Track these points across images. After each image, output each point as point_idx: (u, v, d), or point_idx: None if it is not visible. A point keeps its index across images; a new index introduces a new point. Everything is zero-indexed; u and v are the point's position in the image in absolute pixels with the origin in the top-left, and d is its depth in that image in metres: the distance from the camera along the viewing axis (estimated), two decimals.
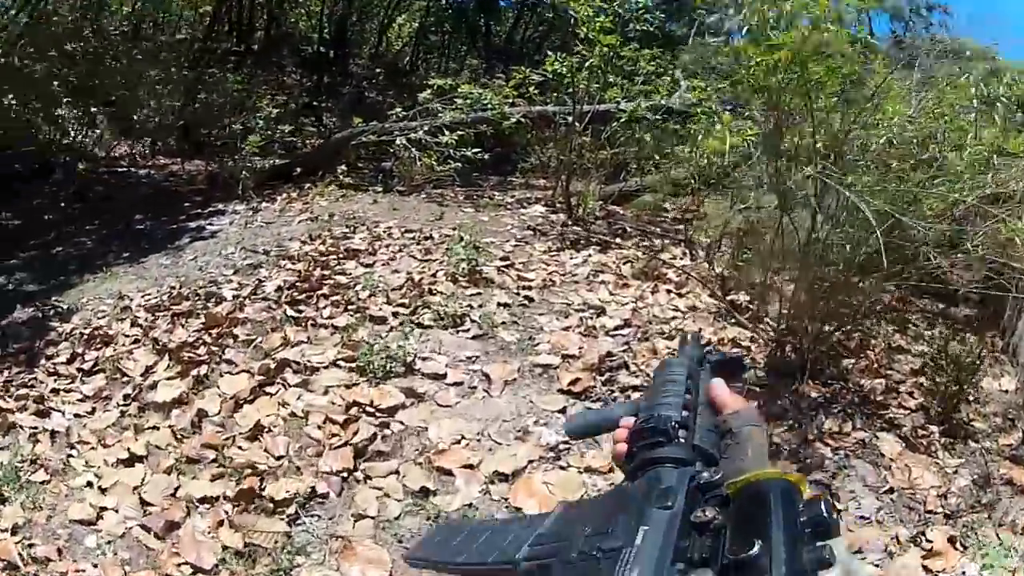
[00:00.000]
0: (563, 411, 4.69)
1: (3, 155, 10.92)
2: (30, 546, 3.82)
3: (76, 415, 5.01)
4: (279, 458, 4.33)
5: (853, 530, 3.87)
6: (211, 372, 5.25)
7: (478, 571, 0.99)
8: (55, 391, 5.36)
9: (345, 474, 4.22)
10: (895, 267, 4.51)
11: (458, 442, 4.46)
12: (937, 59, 6.86)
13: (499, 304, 6.13)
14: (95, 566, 3.72)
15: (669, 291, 6.70)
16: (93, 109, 11.71)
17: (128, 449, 4.50)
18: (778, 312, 5.27)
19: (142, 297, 7.03)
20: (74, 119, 11.61)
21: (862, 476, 4.26)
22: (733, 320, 6.01)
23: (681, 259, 7.57)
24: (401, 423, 4.64)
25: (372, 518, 3.93)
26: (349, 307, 6.08)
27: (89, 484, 4.26)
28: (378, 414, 4.68)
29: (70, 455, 4.57)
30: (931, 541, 3.79)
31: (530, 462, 4.27)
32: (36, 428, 4.85)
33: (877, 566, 3.66)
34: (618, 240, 8.44)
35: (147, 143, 13.58)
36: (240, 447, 4.46)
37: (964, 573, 3.62)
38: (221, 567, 3.66)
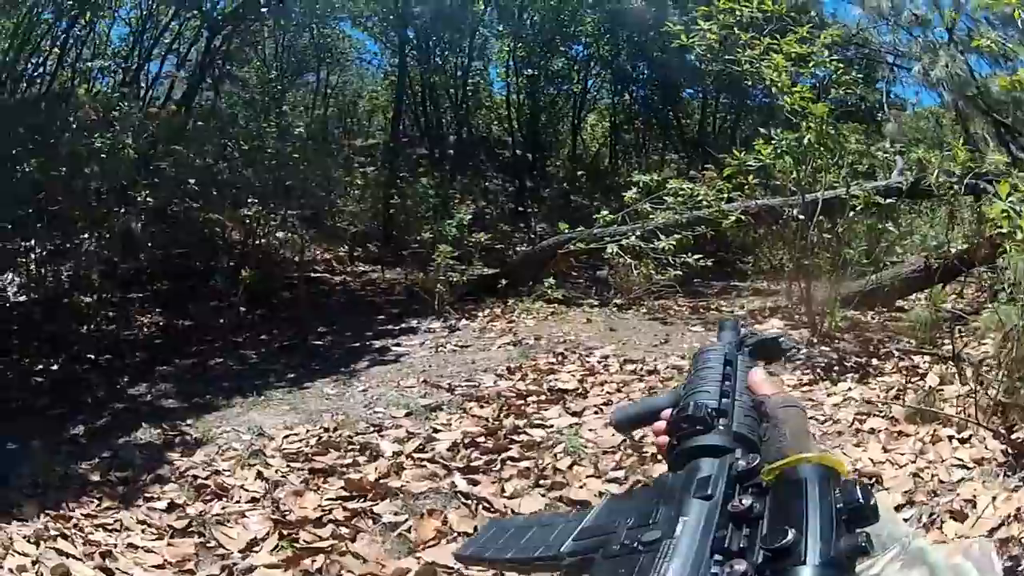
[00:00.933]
0: None
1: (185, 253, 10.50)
2: None
3: None
4: None
5: None
6: (328, 567, 3.78)
7: (525, 566, 0.96)
8: (132, 546, 4.03)
9: None
10: None
11: None
12: None
13: None
14: None
15: (951, 437, 5.26)
16: (286, 211, 11.29)
17: None
18: None
19: (285, 438, 5.57)
20: (261, 219, 10.88)
21: None
22: None
23: (950, 382, 6.10)
24: None
25: None
26: (542, 480, 4.68)
27: None
28: None
29: None
30: None
31: None
32: None
33: None
34: (874, 362, 7.09)
35: (346, 249, 13.08)
36: None
37: None
38: None
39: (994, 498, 4.09)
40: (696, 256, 9.09)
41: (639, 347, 7.52)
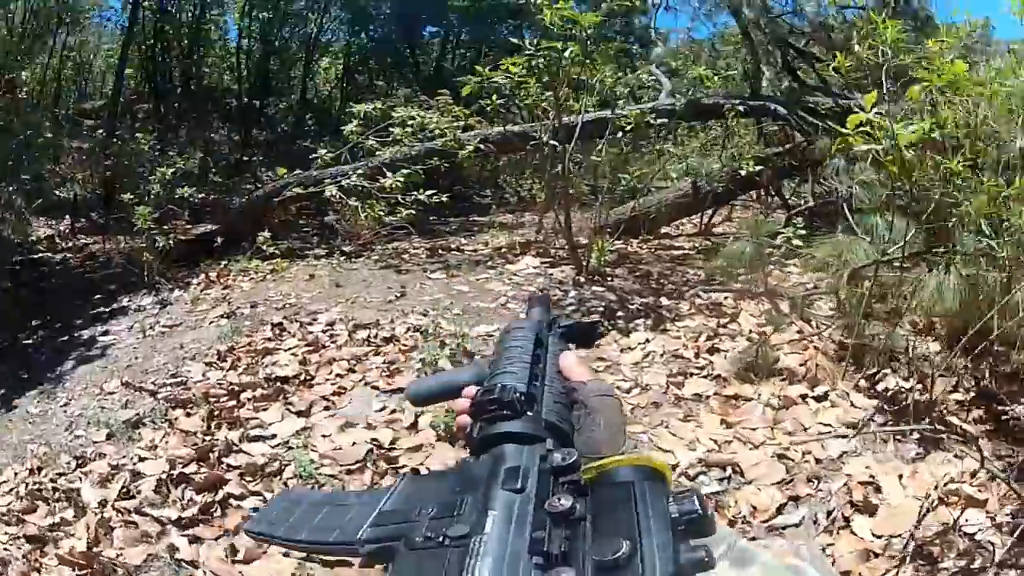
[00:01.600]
0: None
1: None
2: None
3: None
4: None
5: None
6: None
7: (319, 550, 0.84)
8: None
9: None
10: None
11: None
12: None
13: None
14: None
15: (805, 396, 4.24)
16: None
17: None
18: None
19: None
20: None
21: None
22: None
23: (778, 328, 4.90)
24: None
25: None
26: None
27: None
28: None
29: None
30: None
31: None
32: None
33: None
34: (664, 302, 5.86)
35: (68, 221, 10.98)
36: None
37: None
38: None
39: (900, 476, 3.46)
40: (429, 192, 7.57)
41: (371, 305, 6.17)
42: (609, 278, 6.56)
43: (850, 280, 4.26)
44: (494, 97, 6.35)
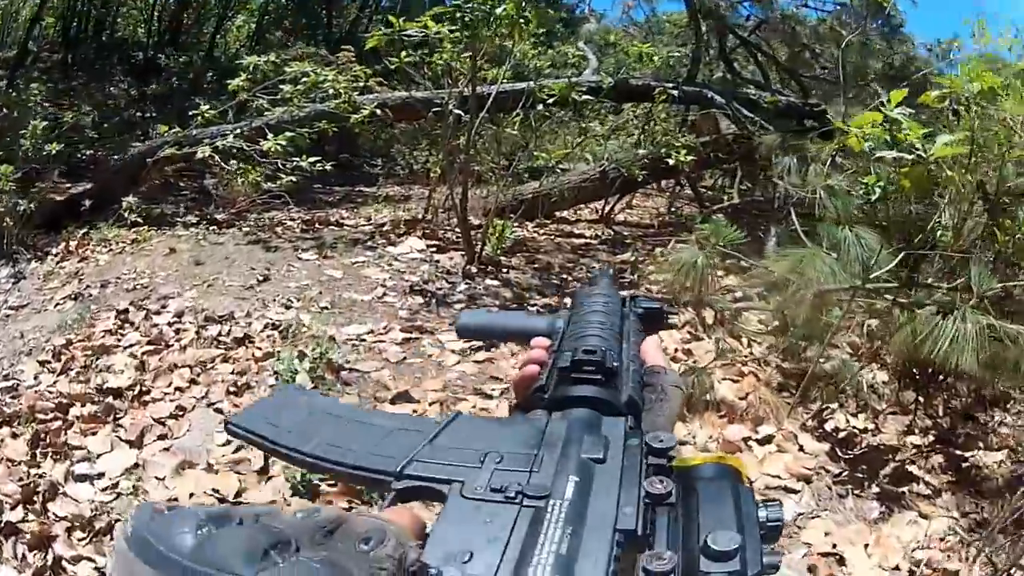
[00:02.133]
0: None
1: None
2: None
3: None
4: None
5: None
6: None
7: (332, 471, 0.72)
8: None
9: None
10: None
11: None
12: None
13: None
14: None
15: (748, 440, 3.65)
16: None
17: None
18: None
19: None
20: None
21: None
22: None
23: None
24: None
25: None
26: None
27: None
28: None
29: None
30: None
31: None
32: None
33: None
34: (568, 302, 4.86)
35: None
36: None
37: None
38: None
39: (866, 546, 2.99)
40: (313, 159, 6.58)
41: (229, 291, 5.23)
42: (505, 269, 5.72)
43: (818, 304, 3.48)
44: (403, 55, 5.33)
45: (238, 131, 6.62)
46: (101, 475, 3.31)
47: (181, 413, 3.73)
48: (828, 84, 8.31)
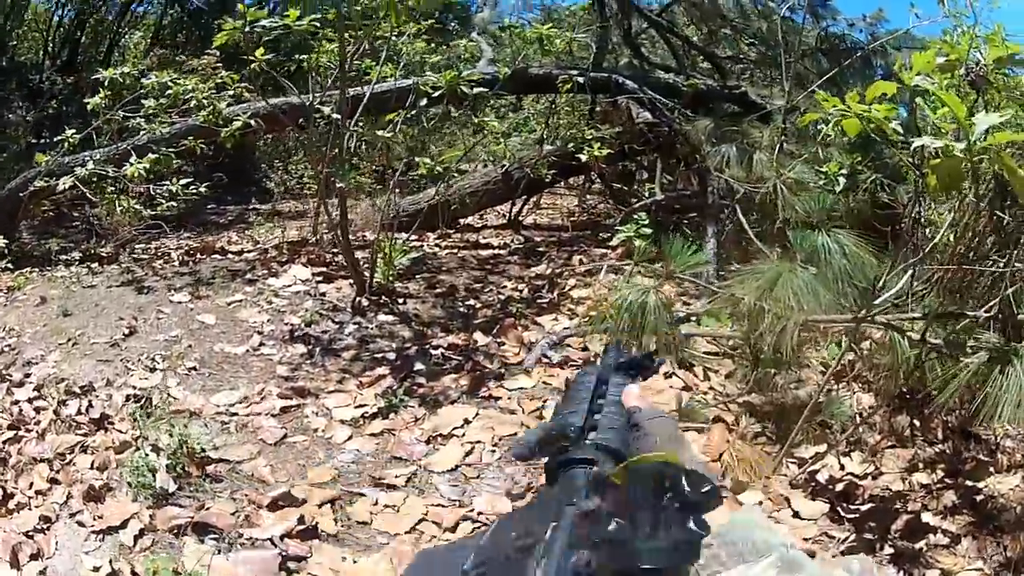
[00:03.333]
0: None
1: None
2: None
3: None
4: None
5: None
6: None
7: None
8: None
9: None
10: None
11: None
12: None
13: None
14: None
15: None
16: None
17: None
18: None
19: None
20: None
21: None
22: None
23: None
24: None
25: None
26: None
27: None
28: None
29: None
30: None
31: None
32: None
33: None
34: (484, 343, 4.11)
35: None
36: None
37: None
38: None
39: None
40: (185, 182, 5.54)
41: (93, 350, 4.20)
42: (401, 298, 4.73)
43: (806, 334, 2.62)
44: (260, 52, 4.07)
45: (98, 157, 5.59)
46: None
47: (46, 525, 2.80)
48: (751, 64, 7.51)
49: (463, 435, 3.25)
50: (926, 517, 2.73)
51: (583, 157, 5.21)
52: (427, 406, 3.50)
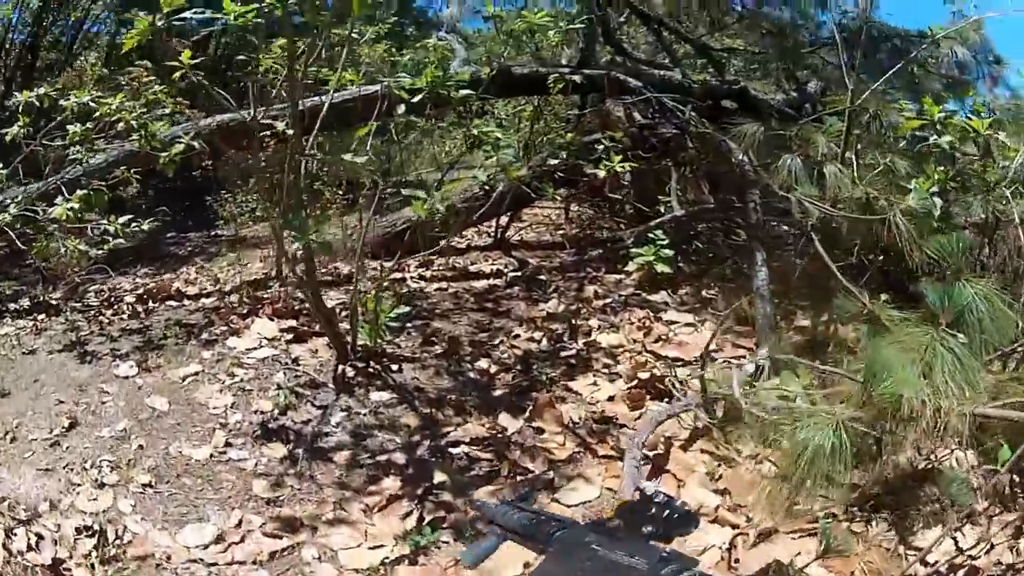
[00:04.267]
0: None
1: None
2: None
3: None
4: None
5: None
6: None
7: None
8: None
9: None
10: None
11: None
12: None
13: None
14: None
15: None
16: None
17: None
18: None
19: None
20: None
21: None
22: None
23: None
24: None
25: None
26: None
27: None
28: None
29: None
30: None
31: None
32: None
33: None
34: (514, 429, 3.38)
35: None
36: None
37: None
38: None
39: None
40: (125, 219, 4.58)
41: (32, 452, 3.29)
42: (394, 364, 3.82)
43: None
44: (186, 55, 3.19)
45: (19, 197, 4.76)
46: None
47: None
48: (755, 56, 6.72)
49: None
50: None
51: (600, 172, 4.29)
52: (466, 541, 2.64)
